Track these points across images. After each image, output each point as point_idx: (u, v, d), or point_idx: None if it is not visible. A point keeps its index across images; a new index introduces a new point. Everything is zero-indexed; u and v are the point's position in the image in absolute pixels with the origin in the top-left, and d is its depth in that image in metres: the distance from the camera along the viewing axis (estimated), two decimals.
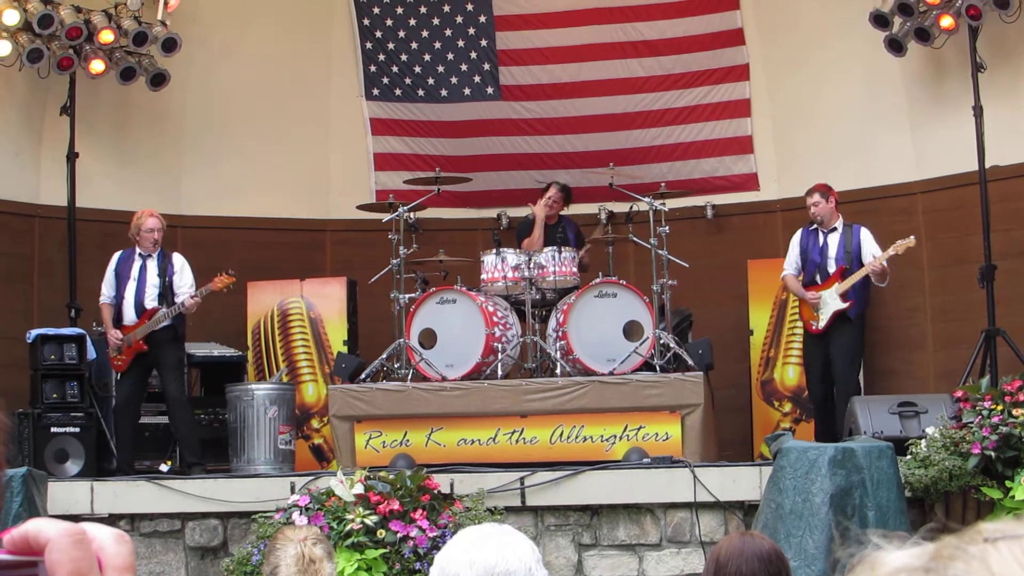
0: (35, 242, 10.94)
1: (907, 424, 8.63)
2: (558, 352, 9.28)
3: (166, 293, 9.49)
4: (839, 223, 9.63)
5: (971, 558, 0.85)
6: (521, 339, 9.56)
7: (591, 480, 8.36)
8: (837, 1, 11.00)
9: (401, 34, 12.17)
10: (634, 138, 11.96)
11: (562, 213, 10.60)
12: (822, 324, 9.46)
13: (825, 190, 9.64)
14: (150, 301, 9.47)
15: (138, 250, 9.54)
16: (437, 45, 12.16)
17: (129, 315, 9.49)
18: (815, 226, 9.68)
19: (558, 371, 9.24)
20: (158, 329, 9.40)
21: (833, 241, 9.59)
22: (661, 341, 9.26)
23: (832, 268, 9.53)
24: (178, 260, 9.62)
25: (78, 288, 10.42)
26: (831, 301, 9.42)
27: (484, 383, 9.20)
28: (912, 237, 9.35)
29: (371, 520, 7.32)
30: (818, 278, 9.56)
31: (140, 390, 9.69)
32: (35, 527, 0.93)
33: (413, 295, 9.63)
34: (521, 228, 10.74)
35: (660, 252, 9.62)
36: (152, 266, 9.53)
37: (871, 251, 9.49)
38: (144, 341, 9.39)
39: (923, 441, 8.00)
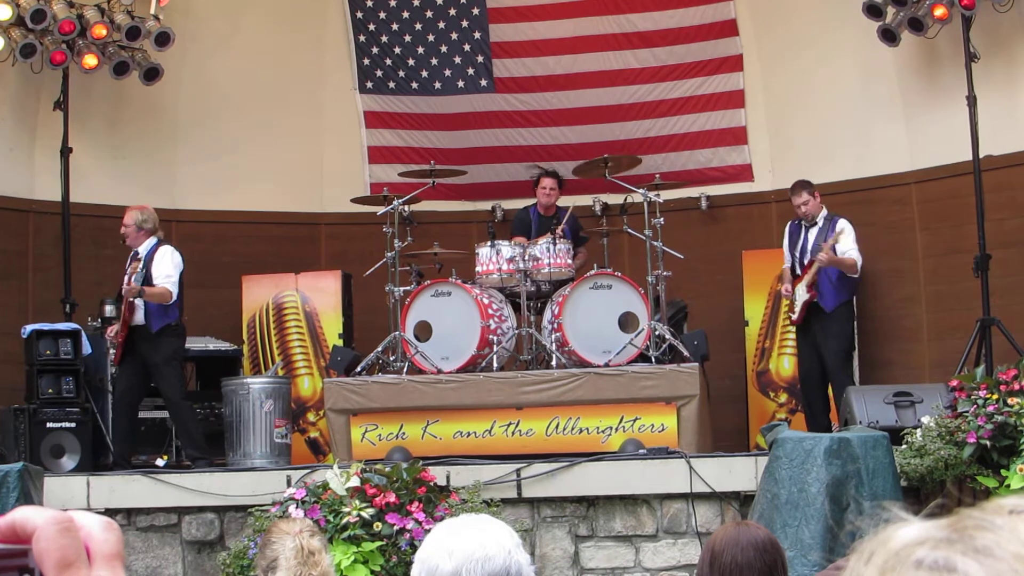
0: (29, 237, 10.92)
1: (902, 414, 8.64)
2: (554, 344, 9.28)
3: (148, 282, 9.32)
4: (821, 217, 9.72)
5: (1000, 529, 0.86)
6: (516, 331, 9.56)
7: (587, 472, 8.36)
8: None
9: (394, 27, 12.15)
10: (628, 130, 11.95)
11: (558, 204, 10.58)
12: (795, 316, 9.74)
13: (810, 187, 9.72)
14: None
15: None
16: (431, 38, 12.15)
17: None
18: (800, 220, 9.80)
19: (554, 363, 9.23)
20: (136, 326, 9.33)
21: (812, 235, 9.71)
22: (656, 332, 9.26)
23: (807, 260, 9.65)
24: (161, 249, 9.41)
25: (73, 283, 10.41)
26: (800, 293, 9.57)
27: (480, 375, 9.20)
28: (822, 255, 9.33)
29: (367, 513, 7.32)
30: (799, 271, 9.70)
31: (136, 383, 9.55)
32: (22, 516, 0.93)
33: (408, 288, 9.63)
34: (515, 221, 10.72)
35: (655, 243, 9.60)
36: (142, 260, 9.50)
37: (841, 242, 9.53)
38: (127, 340, 9.34)
39: (918, 430, 8.00)
